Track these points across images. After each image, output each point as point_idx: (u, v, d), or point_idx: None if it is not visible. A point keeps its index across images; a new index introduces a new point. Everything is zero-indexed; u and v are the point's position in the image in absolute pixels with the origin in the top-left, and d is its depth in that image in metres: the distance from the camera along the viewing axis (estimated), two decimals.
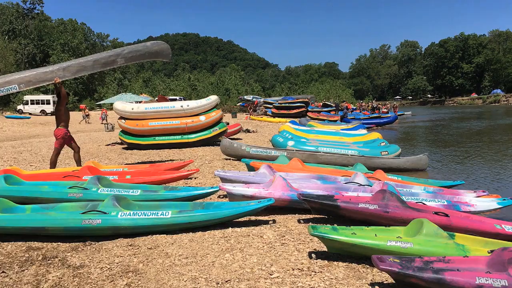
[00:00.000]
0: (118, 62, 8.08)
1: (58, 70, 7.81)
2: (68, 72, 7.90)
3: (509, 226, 4.70)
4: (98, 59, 8.01)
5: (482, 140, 18.54)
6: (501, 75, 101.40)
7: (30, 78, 7.69)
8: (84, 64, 7.93)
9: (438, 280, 2.94)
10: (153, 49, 8.18)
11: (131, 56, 8.07)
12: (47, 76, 7.79)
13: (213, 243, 4.27)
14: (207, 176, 8.02)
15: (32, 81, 7.71)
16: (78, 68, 7.96)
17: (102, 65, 8.02)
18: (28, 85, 7.68)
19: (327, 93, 65.51)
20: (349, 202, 4.79)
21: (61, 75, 7.82)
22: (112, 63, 8.06)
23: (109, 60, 8.02)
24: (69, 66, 7.98)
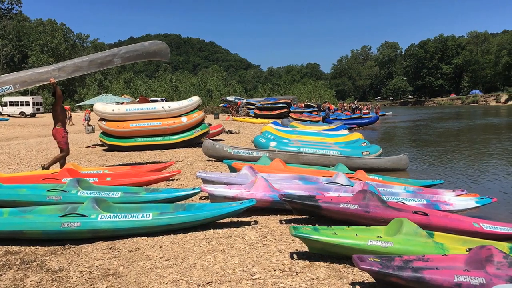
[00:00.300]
0: (115, 62, 7.99)
1: (54, 70, 7.76)
2: (64, 73, 7.83)
3: (487, 224, 4.79)
4: (94, 59, 7.93)
5: (461, 140, 18.84)
6: (480, 76, 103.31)
7: (25, 79, 7.66)
8: (79, 65, 7.86)
9: (417, 279, 2.97)
10: (151, 49, 8.07)
11: (128, 56, 7.98)
12: (42, 77, 7.74)
13: (194, 245, 4.25)
14: (189, 177, 7.98)
15: (27, 82, 7.68)
16: (73, 68, 7.88)
17: (98, 65, 7.94)
18: (23, 86, 7.64)
19: (309, 94, 65.75)
20: (330, 202, 4.82)
21: (56, 75, 7.75)
22: (108, 63, 7.97)
23: (106, 60, 7.94)
24: (64, 67, 7.91)
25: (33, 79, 7.70)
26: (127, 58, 7.99)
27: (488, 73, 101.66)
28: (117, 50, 8.03)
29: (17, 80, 7.60)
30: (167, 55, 8.21)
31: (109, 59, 7.94)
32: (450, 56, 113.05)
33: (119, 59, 7.95)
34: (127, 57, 7.97)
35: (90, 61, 7.90)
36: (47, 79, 7.64)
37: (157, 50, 8.09)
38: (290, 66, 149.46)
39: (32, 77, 7.71)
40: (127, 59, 8.01)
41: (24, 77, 7.69)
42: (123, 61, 8.03)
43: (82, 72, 7.96)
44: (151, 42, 8.19)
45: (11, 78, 7.62)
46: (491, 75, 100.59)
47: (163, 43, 8.21)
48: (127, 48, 8.07)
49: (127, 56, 7.97)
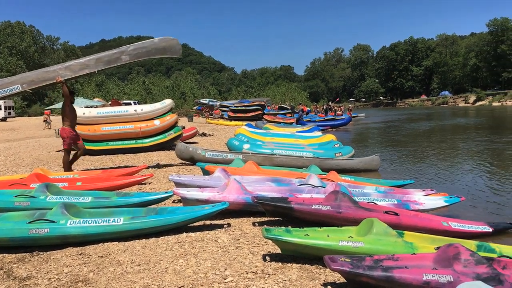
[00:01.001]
0: (122, 59, 7.87)
1: (60, 69, 7.79)
2: (70, 71, 7.81)
3: (455, 223, 4.90)
4: (101, 57, 7.85)
5: (431, 140, 19.23)
6: (449, 77, 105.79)
7: (33, 78, 7.75)
8: (86, 63, 7.83)
9: (387, 278, 3.01)
10: (161, 45, 7.93)
11: (136, 53, 7.85)
12: (49, 75, 7.77)
13: (166, 249, 4.21)
14: (162, 181, 7.91)
15: (35, 81, 7.74)
16: (80, 66, 7.86)
17: (105, 63, 7.84)
18: (31, 85, 7.71)
19: (283, 96, 66.17)
20: (303, 203, 4.85)
21: (63, 74, 7.75)
22: (115, 60, 7.86)
23: (113, 57, 7.84)
24: (71, 65, 7.91)
25: (40, 78, 7.74)
26: (136, 55, 7.86)
27: (457, 75, 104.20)
28: (125, 48, 7.93)
29: (25, 80, 7.70)
30: (178, 51, 8.03)
31: (116, 57, 7.84)
32: (420, 58, 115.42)
33: (127, 56, 7.83)
34: (136, 54, 7.84)
35: (97, 59, 7.85)
36: (54, 78, 7.66)
37: (167, 46, 7.94)
38: (264, 69, 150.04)
39: (39, 76, 7.77)
40: (136, 56, 7.86)
41: (31, 76, 7.79)
42: (131, 58, 7.88)
43: (89, 70, 7.87)
44: (161, 38, 8.01)
45: (18, 78, 7.76)
46: (459, 76, 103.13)
47: (174, 39, 8.01)
48: (135, 45, 7.94)
49: (135, 53, 7.84)
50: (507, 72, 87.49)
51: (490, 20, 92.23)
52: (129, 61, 7.97)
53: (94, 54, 8.16)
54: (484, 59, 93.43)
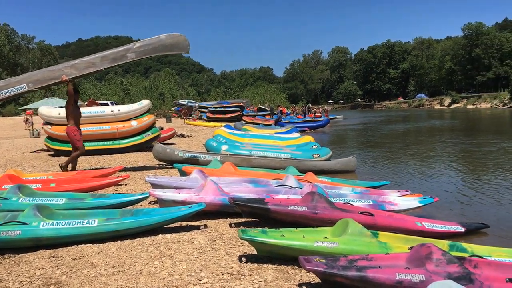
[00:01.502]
0: (128, 57, 7.78)
1: (65, 67, 7.76)
2: (75, 69, 7.76)
3: (429, 223, 4.98)
4: (106, 55, 7.79)
5: (407, 142, 19.54)
6: (425, 80, 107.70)
7: (38, 77, 7.75)
8: (91, 61, 7.78)
9: (361, 278, 3.04)
10: (167, 42, 7.81)
11: (142, 50, 7.76)
12: (54, 74, 7.75)
13: (141, 251, 4.17)
14: (138, 182, 7.84)
15: (40, 80, 7.73)
16: (85, 65, 7.80)
17: (111, 60, 7.77)
18: (36, 84, 7.70)
19: (262, 97, 66.24)
20: (279, 204, 4.86)
21: (68, 72, 7.70)
22: (121, 58, 7.79)
23: (118, 55, 7.76)
24: (76, 64, 7.86)
25: (46, 77, 7.74)
26: (142, 52, 7.77)
27: (432, 78, 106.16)
28: (131, 45, 7.83)
29: (31, 79, 7.69)
30: (186, 47, 7.89)
31: (122, 54, 7.77)
32: (397, 61, 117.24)
33: (132, 53, 7.75)
34: (142, 51, 7.75)
35: (102, 57, 7.79)
36: (59, 77, 7.63)
37: (174, 43, 7.82)
38: (243, 70, 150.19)
39: (45, 75, 7.77)
40: (142, 53, 7.78)
41: (37, 75, 7.81)
42: (138, 56, 7.79)
43: (95, 69, 7.82)
44: (168, 35, 7.88)
45: (25, 77, 7.77)
46: (435, 79, 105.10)
47: (181, 35, 7.88)
48: (141, 42, 7.86)
49: (141, 50, 7.75)
50: (481, 76, 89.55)
51: (465, 24, 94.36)
52: (135, 59, 7.89)
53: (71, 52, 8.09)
54: (459, 63, 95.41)
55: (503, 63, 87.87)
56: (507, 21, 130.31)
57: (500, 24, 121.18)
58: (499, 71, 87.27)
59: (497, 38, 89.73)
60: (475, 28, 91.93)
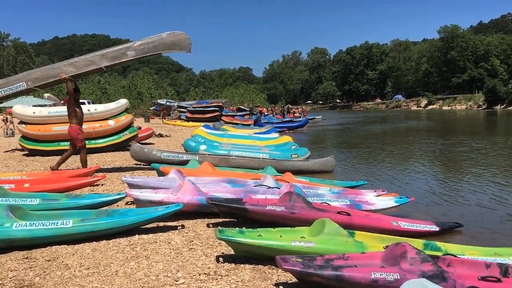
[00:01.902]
0: (128, 55, 7.68)
1: (65, 65, 7.70)
2: (74, 68, 7.69)
3: (404, 222, 5.05)
4: (106, 53, 7.71)
5: (384, 142, 19.78)
6: (402, 81, 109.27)
7: (37, 75, 7.68)
8: (91, 59, 7.71)
9: (337, 277, 3.06)
10: (168, 40, 7.71)
11: (142, 48, 7.66)
12: (53, 72, 7.69)
13: (117, 252, 4.12)
14: (115, 182, 7.75)
15: (39, 78, 7.67)
16: (85, 63, 7.73)
17: (110, 59, 7.68)
18: (35, 82, 7.63)
19: (241, 98, 66.16)
20: (257, 204, 4.86)
21: (67, 70, 7.63)
22: (121, 56, 7.69)
23: (118, 53, 7.68)
24: (75, 61, 7.80)
25: (45, 75, 7.67)
26: (142, 51, 7.68)
27: (409, 79, 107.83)
28: (131, 43, 7.74)
29: (30, 77, 7.64)
30: (187, 46, 7.78)
31: (122, 52, 7.69)
32: (375, 63, 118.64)
33: (133, 51, 7.65)
34: (142, 49, 7.66)
35: (102, 55, 7.71)
36: (58, 75, 7.57)
37: (175, 41, 7.72)
38: (223, 70, 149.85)
39: (44, 73, 7.71)
40: (142, 51, 7.68)
41: (37, 73, 7.76)
42: (138, 54, 7.69)
43: (94, 67, 7.73)
44: (169, 33, 7.77)
45: (24, 75, 7.75)
46: (412, 81, 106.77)
47: (183, 33, 7.78)
48: (142, 40, 7.75)
49: (142, 48, 7.66)
50: (457, 78, 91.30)
51: (441, 27, 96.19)
52: (136, 57, 7.79)
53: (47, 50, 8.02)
54: (435, 65, 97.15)
55: (477, 66, 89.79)
56: (481, 24, 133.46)
57: (475, 27, 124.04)
58: (474, 73, 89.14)
59: (472, 41, 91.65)
60: (450, 31, 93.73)
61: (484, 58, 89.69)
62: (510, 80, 67.98)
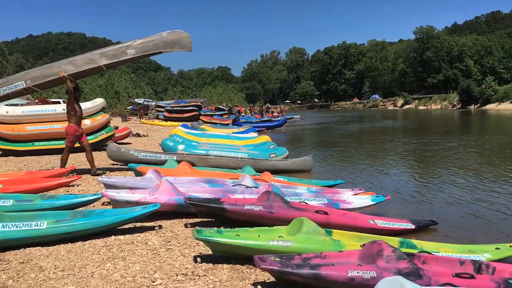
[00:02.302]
0: (128, 53, 7.61)
1: (64, 64, 7.65)
2: (73, 66, 7.63)
3: (381, 221, 5.12)
4: (106, 51, 7.65)
5: (361, 141, 20.01)
6: (379, 81, 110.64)
7: (37, 74, 7.63)
8: (90, 57, 7.65)
9: (314, 276, 3.08)
10: (169, 39, 7.65)
11: (143, 46, 7.60)
12: (53, 70, 7.62)
13: (93, 253, 4.06)
14: (91, 183, 7.63)
15: (38, 77, 7.60)
16: (84, 61, 7.66)
17: (110, 57, 7.60)
18: (35, 81, 7.57)
19: (219, 97, 66.09)
20: (235, 204, 4.85)
21: (66, 69, 7.56)
22: (121, 54, 7.62)
23: (118, 51, 7.62)
24: (75, 60, 7.75)
25: (44, 73, 7.61)
26: (142, 49, 7.61)
27: (386, 79, 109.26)
28: (131, 42, 7.66)
29: (29, 76, 7.60)
30: (188, 44, 7.73)
31: (122, 50, 7.63)
32: (352, 63, 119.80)
33: (133, 50, 7.59)
34: (142, 48, 7.60)
35: (102, 53, 7.65)
36: (58, 73, 7.49)
37: (176, 39, 7.66)
38: (201, 69, 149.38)
39: (44, 71, 7.66)
40: (142, 50, 7.61)
41: (36, 72, 7.72)
42: (138, 52, 7.61)
43: (94, 65, 7.65)
44: (169, 32, 7.71)
45: (23, 74, 7.74)
46: (389, 81, 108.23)
47: (184, 32, 7.73)
48: (142, 39, 7.69)
49: (142, 46, 7.60)
50: (432, 78, 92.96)
51: (417, 27, 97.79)
52: (136, 55, 7.71)
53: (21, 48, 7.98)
54: (411, 65, 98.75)
55: (452, 66, 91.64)
56: (456, 26, 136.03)
57: (449, 28, 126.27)
58: (449, 73, 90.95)
59: (447, 42, 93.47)
60: (426, 32, 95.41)
61: (459, 58, 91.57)
62: (484, 81, 69.61)
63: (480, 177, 9.44)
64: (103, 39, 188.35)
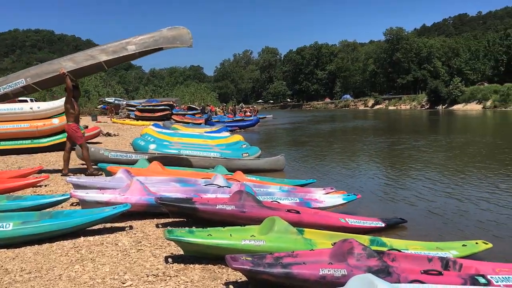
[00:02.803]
0: (128, 49, 7.56)
1: (64, 60, 7.59)
2: (73, 62, 7.55)
3: (352, 219, 5.18)
4: (106, 48, 7.60)
5: (333, 140, 20.22)
6: (350, 81, 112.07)
7: (37, 71, 7.57)
8: (90, 54, 7.60)
9: (286, 274, 3.08)
10: (169, 34, 7.63)
11: (143, 42, 7.57)
12: (52, 67, 7.56)
13: (61, 255, 3.97)
14: (60, 183, 7.47)
15: (38, 74, 7.54)
16: (84, 57, 7.60)
17: (110, 53, 7.57)
18: (35, 78, 7.50)
19: (192, 96, 65.72)
20: (207, 204, 4.83)
21: (66, 65, 7.47)
22: (121, 50, 7.56)
23: (118, 47, 7.57)
24: (74, 56, 7.69)
25: (44, 70, 7.55)
26: (143, 45, 7.58)
27: (357, 80, 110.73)
28: (131, 38, 7.60)
29: (29, 73, 7.53)
30: (189, 40, 7.70)
31: (122, 47, 7.57)
32: (324, 63, 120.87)
33: (133, 46, 7.56)
34: (142, 43, 7.57)
35: (102, 50, 7.62)
36: (57, 70, 7.41)
37: (176, 35, 7.64)
38: (173, 68, 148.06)
39: (43, 68, 7.61)
40: (143, 45, 7.58)
41: (36, 69, 7.68)
42: (138, 48, 7.57)
43: (94, 61, 7.59)
44: (170, 28, 7.69)
45: (23, 71, 7.68)
46: (360, 81, 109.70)
47: (184, 28, 7.71)
48: (142, 35, 7.66)
49: (142, 42, 7.57)
50: (401, 79, 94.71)
51: (387, 29, 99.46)
52: (137, 51, 7.66)
53: None
54: (382, 66, 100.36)
55: (421, 67, 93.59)
56: (424, 27, 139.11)
57: (418, 30, 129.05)
58: (418, 74, 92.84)
59: (416, 43, 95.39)
60: (395, 33, 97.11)
61: (427, 60, 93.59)
62: (451, 81, 71.32)
63: (447, 175, 9.67)
64: (72, 36, 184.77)
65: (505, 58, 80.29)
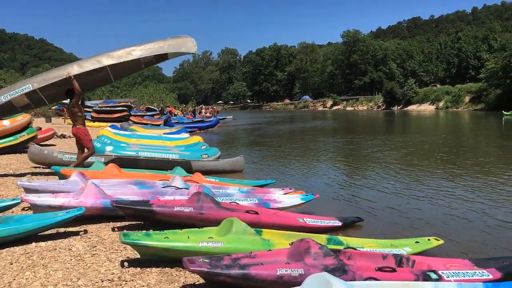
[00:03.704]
0: (134, 55, 7.77)
1: (71, 65, 7.80)
2: (80, 67, 7.72)
3: (310, 219, 5.24)
4: (112, 54, 7.80)
5: (292, 141, 20.42)
6: (309, 83, 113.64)
7: (44, 76, 7.76)
8: (97, 58, 7.80)
9: (243, 275, 3.08)
10: (174, 42, 7.92)
11: (148, 48, 7.84)
12: (59, 72, 7.73)
13: (11, 262, 3.81)
14: (11, 187, 7.18)
15: (45, 79, 7.67)
16: (91, 62, 7.79)
17: (116, 58, 7.77)
18: (41, 83, 7.60)
19: (150, 97, 64.68)
20: (165, 206, 4.76)
21: (73, 70, 7.63)
22: (127, 55, 7.76)
23: (124, 53, 7.79)
24: (82, 61, 7.91)
25: (50, 76, 7.71)
26: (148, 50, 7.84)
27: (316, 81, 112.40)
28: (137, 45, 7.89)
29: (36, 79, 7.74)
30: (193, 47, 8.03)
31: (127, 52, 7.79)
32: (283, 64, 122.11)
33: (138, 51, 7.79)
34: (148, 49, 7.83)
35: (108, 55, 7.81)
36: (64, 75, 7.54)
37: (181, 42, 7.97)
38: None
39: (50, 74, 7.78)
40: (148, 50, 7.84)
41: (43, 75, 7.90)
42: (143, 53, 7.82)
43: (100, 65, 7.77)
44: (175, 36, 8.10)
45: (30, 78, 7.92)
46: (318, 82, 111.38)
47: (188, 36, 8.04)
48: (147, 43, 7.97)
49: (148, 48, 7.84)
50: (358, 80, 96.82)
51: (344, 31, 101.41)
52: (142, 56, 7.87)
53: None
54: (339, 67, 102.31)
55: (377, 69, 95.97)
56: (380, 30, 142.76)
57: (374, 32, 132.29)
58: (374, 76, 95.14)
59: (372, 46, 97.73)
60: (352, 35, 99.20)
61: (383, 62, 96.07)
62: (406, 83, 73.56)
63: (402, 174, 9.95)
64: (25, 35, 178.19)
65: (456, 61, 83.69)
